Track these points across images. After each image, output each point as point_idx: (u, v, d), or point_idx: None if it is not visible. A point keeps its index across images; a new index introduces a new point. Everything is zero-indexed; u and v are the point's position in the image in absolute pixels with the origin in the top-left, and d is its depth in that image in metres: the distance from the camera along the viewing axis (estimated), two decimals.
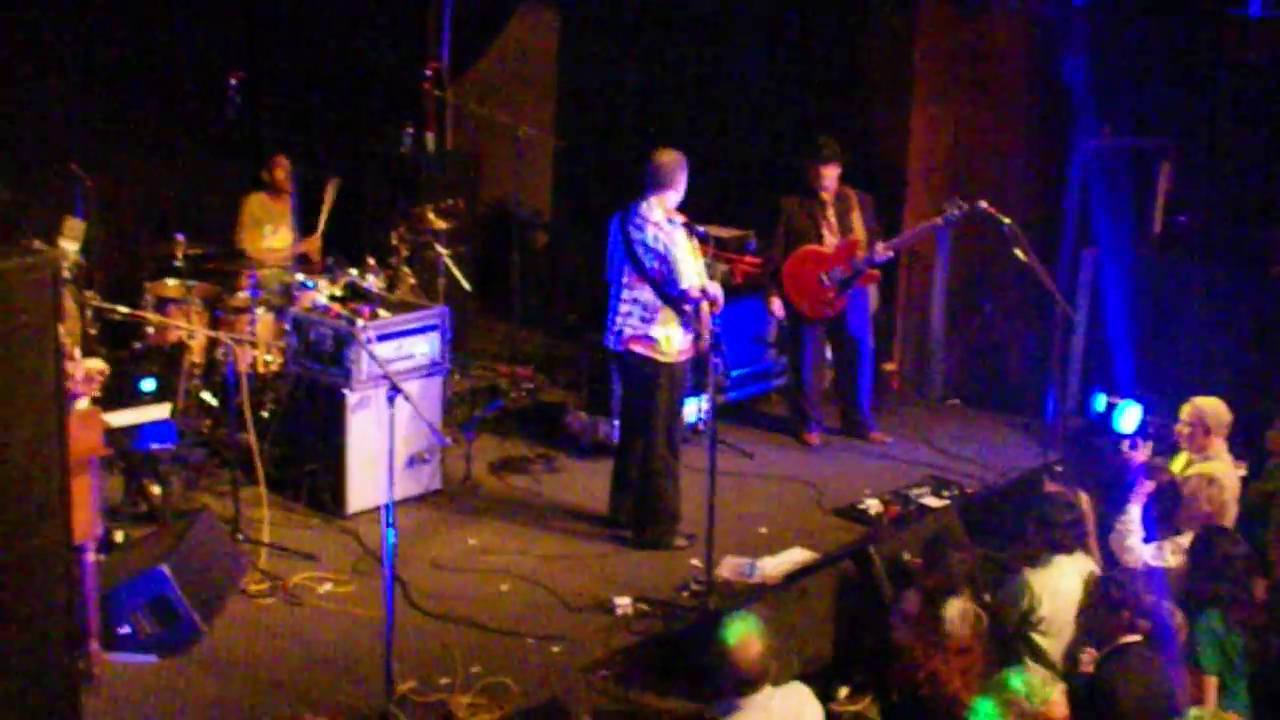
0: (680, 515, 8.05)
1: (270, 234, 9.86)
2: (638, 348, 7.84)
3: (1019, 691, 4.82)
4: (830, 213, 9.42)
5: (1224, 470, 7.20)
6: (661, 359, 7.82)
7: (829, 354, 9.91)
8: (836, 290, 9.43)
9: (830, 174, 9.36)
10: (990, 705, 4.86)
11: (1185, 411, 7.37)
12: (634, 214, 7.78)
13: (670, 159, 7.77)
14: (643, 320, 7.79)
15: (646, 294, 7.75)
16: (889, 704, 6.01)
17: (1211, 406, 7.33)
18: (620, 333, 7.88)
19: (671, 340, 7.81)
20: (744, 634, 5.18)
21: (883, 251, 9.39)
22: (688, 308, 7.74)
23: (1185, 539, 6.71)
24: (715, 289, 7.77)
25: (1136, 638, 5.62)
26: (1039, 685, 4.88)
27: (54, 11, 9.83)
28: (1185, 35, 9.61)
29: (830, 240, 9.40)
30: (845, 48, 11.02)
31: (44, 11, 9.79)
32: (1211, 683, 5.91)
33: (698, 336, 7.79)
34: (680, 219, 7.74)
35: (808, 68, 11.20)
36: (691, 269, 7.70)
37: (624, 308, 7.84)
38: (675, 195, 7.78)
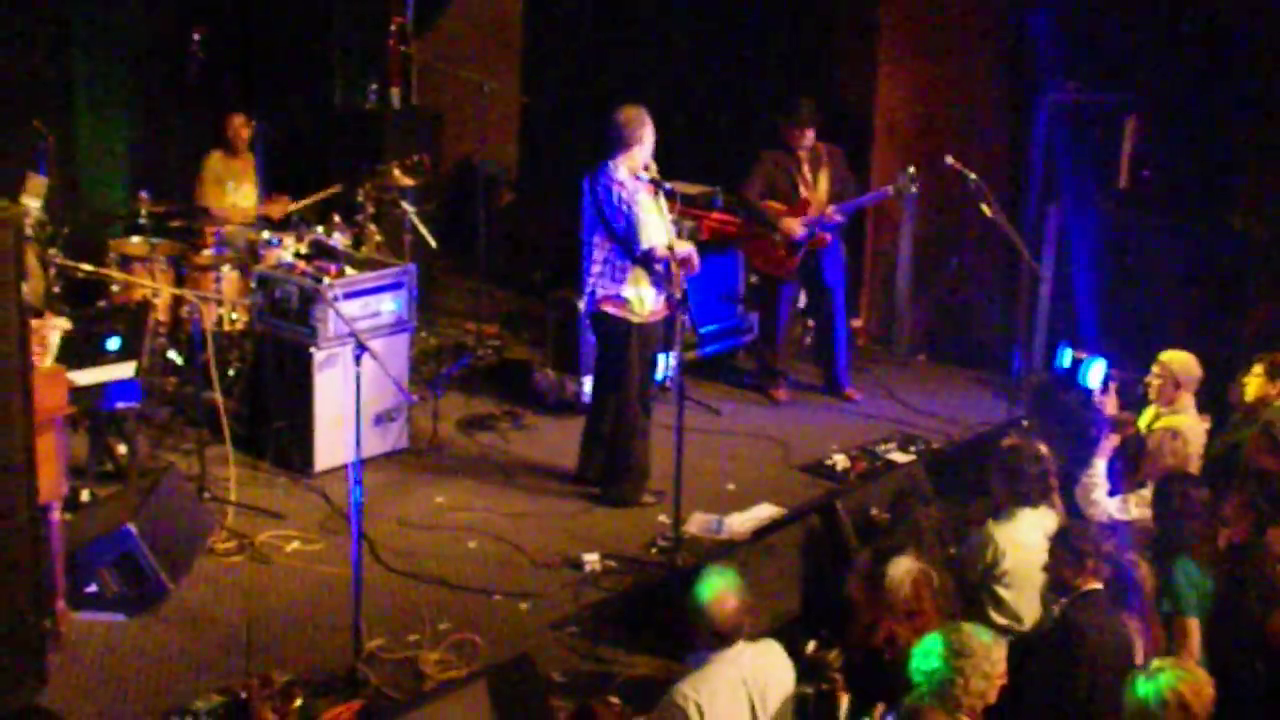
0: (649, 473, 8.06)
1: (232, 191, 9.79)
2: (609, 308, 7.81)
3: (966, 643, 4.86)
4: (806, 169, 9.43)
5: (1188, 423, 7.24)
6: (633, 319, 7.80)
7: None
8: (787, 250, 9.45)
9: (809, 135, 9.38)
10: (938, 642, 4.89)
11: (1155, 366, 7.41)
12: (601, 173, 7.73)
13: (631, 116, 7.69)
14: (614, 280, 7.76)
15: (617, 254, 7.72)
16: (853, 662, 6.03)
17: (1181, 361, 7.36)
18: (593, 293, 7.85)
19: (644, 300, 7.79)
20: (720, 588, 5.20)
21: (831, 215, 9.40)
22: (658, 267, 7.71)
23: (1149, 492, 6.74)
24: (688, 250, 7.76)
25: (1098, 585, 5.66)
26: (987, 641, 4.92)
27: None
28: None
29: (806, 196, 9.40)
30: (811, 3, 10.98)
31: None
32: (1194, 626, 5.93)
33: (670, 297, 7.77)
34: (649, 174, 7.69)
35: (774, 24, 11.15)
36: (657, 228, 7.66)
37: (596, 268, 7.80)
38: (641, 151, 7.71)
